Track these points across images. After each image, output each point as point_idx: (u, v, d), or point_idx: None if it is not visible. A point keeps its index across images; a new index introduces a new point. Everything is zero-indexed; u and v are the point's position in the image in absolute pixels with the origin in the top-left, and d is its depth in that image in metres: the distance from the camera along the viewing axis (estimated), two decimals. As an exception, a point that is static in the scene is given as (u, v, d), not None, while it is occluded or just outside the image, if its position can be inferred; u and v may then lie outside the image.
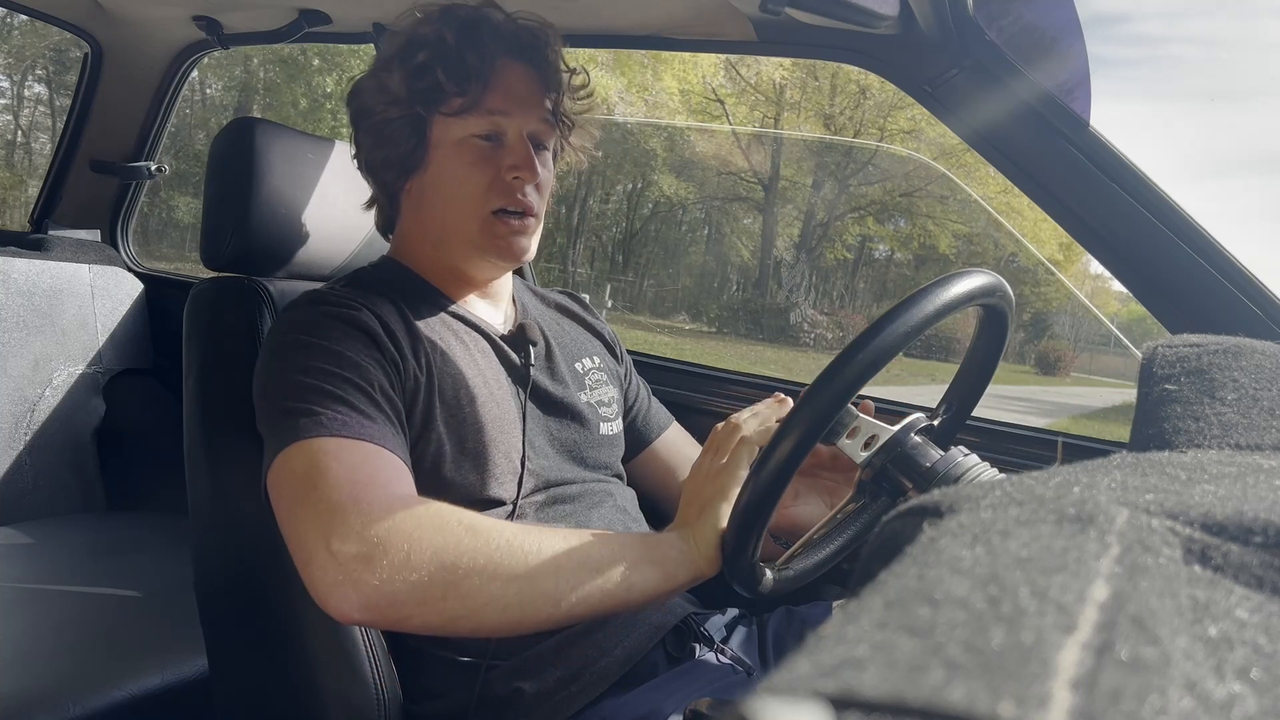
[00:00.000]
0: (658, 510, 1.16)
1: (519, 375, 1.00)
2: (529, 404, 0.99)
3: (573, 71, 1.02)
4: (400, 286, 0.99)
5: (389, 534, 0.71)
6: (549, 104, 0.99)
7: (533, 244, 1.00)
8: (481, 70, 0.94)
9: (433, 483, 0.88)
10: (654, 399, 1.26)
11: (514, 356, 1.01)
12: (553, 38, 1.00)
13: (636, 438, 1.20)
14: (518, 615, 0.73)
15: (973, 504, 0.26)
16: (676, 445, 1.24)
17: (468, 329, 1.00)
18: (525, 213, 0.96)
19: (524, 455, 0.95)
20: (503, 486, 0.92)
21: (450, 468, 0.90)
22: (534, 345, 1.02)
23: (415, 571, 0.70)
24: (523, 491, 0.94)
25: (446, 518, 0.74)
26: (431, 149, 0.97)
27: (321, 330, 0.86)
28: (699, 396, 1.52)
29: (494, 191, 0.95)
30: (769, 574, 0.80)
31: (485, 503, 0.91)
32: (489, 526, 0.75)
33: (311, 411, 0.79)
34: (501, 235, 0.96)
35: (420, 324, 0.94)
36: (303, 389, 0.81)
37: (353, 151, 1.04)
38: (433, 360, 0.92)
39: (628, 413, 1.19)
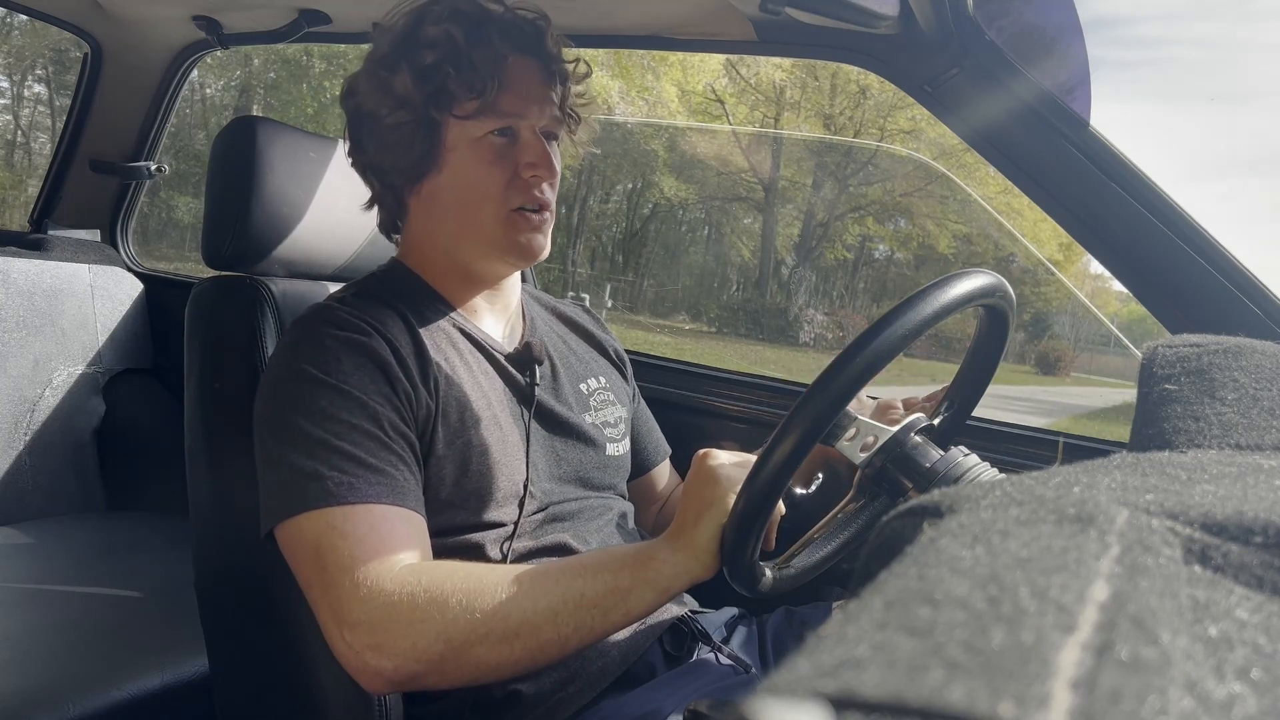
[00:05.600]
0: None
1: (523, 396, 0.99)
2: (533, 425, 0.98)
3: (575, 62, 1.02)
4: (408, 297, 0.97)
5: (392, 622, 0.75)
6: (556, 98, 0.98)
7: (548, 241, 0.99)
8: (493, 70, 0.92)
9: (434, 505, 0.87)
10: (656, 428, 1.25)
11: (519, 377, 1.00)
12: (550, 26, 0.99)
13: (635, 463, 1.18)
14: (529, 664, 0.78)
15: (973, 504, 0.26)
16: (667, 481, 1.24)
17: (472, 348, 0.98)
18: (543, 208, 0.96)
19: (527, 478, 0.94)
20: (504, 509, 0.92)
21: (452, 490, 0.89)
22: (539, 365, 1.01)
23: (425, 652, 0.75)
24: (524, 513, 0.93)
25: (444, 588, 0.76)
26: (446, 151, 0.94)
27: (330, 363, 0.84)
28: (699, 396, 1.52)
29: (513, 190, 0.94)
30: (769, 573, 0.80)
31: (486, 525, 0.91)
32: (481, 589, 0.77)
33: (319, 474, 0.79)
34: (523, 232, 0.95)
35: (429, 344, 0.92)
36: (310, 443, 0.81)
37: (347, 148, 1.01)
38: (439, 384, 0.91)
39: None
